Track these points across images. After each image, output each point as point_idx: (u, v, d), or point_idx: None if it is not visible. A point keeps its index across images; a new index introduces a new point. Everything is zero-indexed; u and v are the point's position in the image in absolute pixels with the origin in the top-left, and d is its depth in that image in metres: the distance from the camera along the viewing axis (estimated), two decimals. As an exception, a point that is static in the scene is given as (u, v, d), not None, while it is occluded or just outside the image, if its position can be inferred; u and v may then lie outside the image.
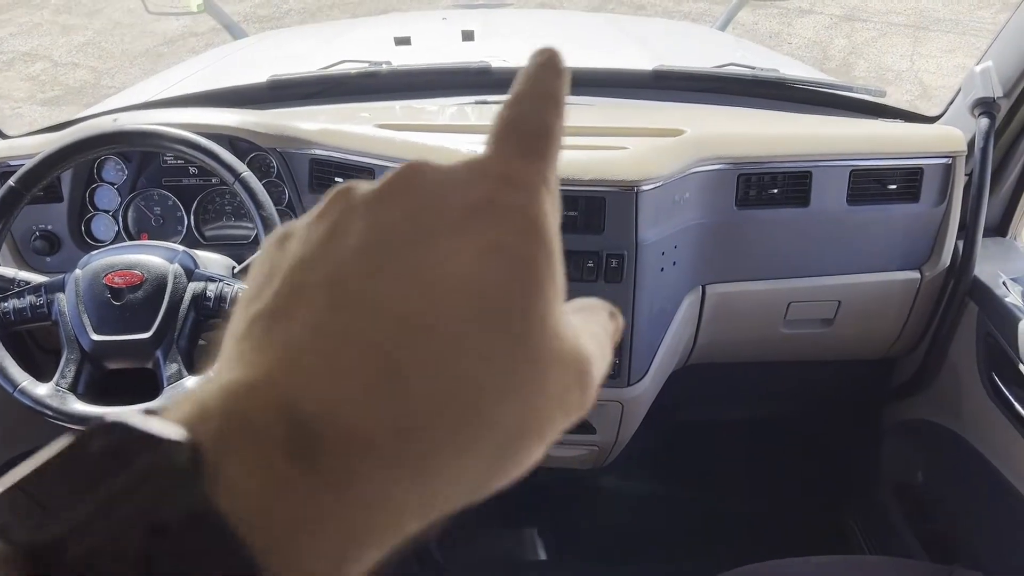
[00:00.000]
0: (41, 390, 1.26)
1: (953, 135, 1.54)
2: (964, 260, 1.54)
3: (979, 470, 1.56)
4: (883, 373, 1.84)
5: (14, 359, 1.30)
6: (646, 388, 1.52)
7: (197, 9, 2.69)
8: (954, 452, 1.65)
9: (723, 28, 2.93)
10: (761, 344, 1.68)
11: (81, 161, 1.39)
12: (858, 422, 1.98)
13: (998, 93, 1.53)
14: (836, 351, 1.73)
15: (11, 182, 1.32)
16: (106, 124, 1.43)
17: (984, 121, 1.51)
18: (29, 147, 1.55)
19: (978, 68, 1.54)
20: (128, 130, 1.35)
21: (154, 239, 1.58)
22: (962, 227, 1.57)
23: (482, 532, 1.98)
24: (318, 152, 1.51)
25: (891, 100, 1.81)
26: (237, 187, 1.33)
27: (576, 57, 1.96)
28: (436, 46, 2.09)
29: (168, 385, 1.27)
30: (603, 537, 2.11)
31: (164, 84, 2.11)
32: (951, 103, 1.68)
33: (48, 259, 1.57)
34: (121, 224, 1.58)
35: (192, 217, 1.59)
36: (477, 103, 1.73)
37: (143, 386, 1.30)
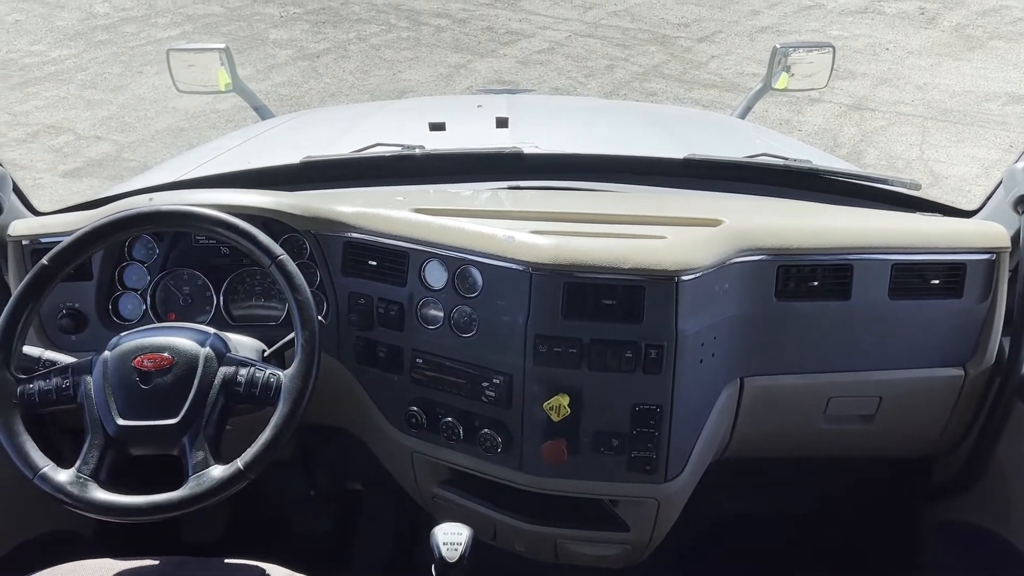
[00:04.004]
0: (62, 476, 1.21)
1: (996, 231, 1.52)
2: (1012, 358, 1.50)
3: None
4: (923, 472, 1.78)
5: (33, 440, 1.26)
6: (683, 484, 1.47)
7: (225, 88, 2.72)
8: (1002, 558, 1.58)
9: (743, 116, 2.96)
10: (799, 439, 1.63)
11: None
12: (896, 522, 1.91)
13: None
14: (876, 448, 1.68)
15: (44, 260, 1.29)
16: (142, 204, 1.42)
17: None
18: (61, 225, 1.53)
19: (1019, 165, 1.53)
20: (165, 211, 1.33)
21: (181, 319, 1.55)
22: (1007, 323, 1.53)
23: None
24: (353, 235, 1.49)
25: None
26: (273, 270, 1.30)
27: (606, 145, 1.97)
28: (468, 131, 2.10)
29: (193, 473, 1.22)
30: None
31: (196, 162, 2.12)
32: (989, 198, 1.67)
33: (73, 338, 1.54)
34: (149, 303, 1.55)
35: (222, 297, 1.56)
36: (511, 188, 1.73)
37: (167, 474, 1.25)
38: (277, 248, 1.32)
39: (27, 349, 1.32)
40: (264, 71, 6.34)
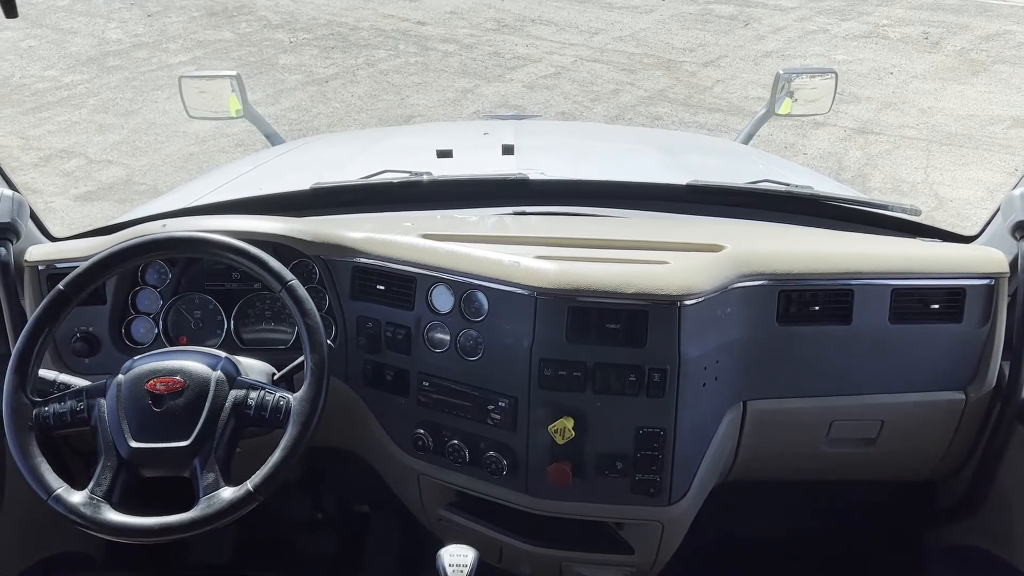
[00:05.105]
0: (75, 498, 1.23)
1: (995, 257, 1.54)
2: (1012, 382, 1.51)
3: None
4: (926, 495, 1.79)
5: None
6: (687, 507, 1.48)
7: (236, 115, 2.77)
8: None
9: (747, 142, 2.99)
10: (802, 462, 1.64)
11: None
12: (900, 546, 1.91)
13: None
14: (878, 471, 1.69)
15: (60, 286, 1.32)
16: (156, 230, 1.45)
17: None
18: (76, 250, 1.57)
19: (1017, 192, 1.55)
20: (178, 237, 1.37)
21: (193, 342, 1.58)
22: (1007, 348, 1.55)
23: None
24: (362, 260, 1.52)
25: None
26: (283, 295, 1.33)
27: (610, 170, 2.00)
28: (475, 158, 2.13)
29: (204, 495, 1.24)
30: None
31: (207, 188, 2.16)
32: (988, 224, 1.69)
33: (87, 361, 1.56)
34: (161, 327, 1.58)
35: (232, 321, 1.59)
36: (516, 214, 1.76)
37: (179, 495, 1.27)
38: (288, 273, 1.35)
39: (42, 372, 1.35)
40: (273, 95, 6.41)
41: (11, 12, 1.19)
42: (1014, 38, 7.84)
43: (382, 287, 1.51)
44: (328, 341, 1.36)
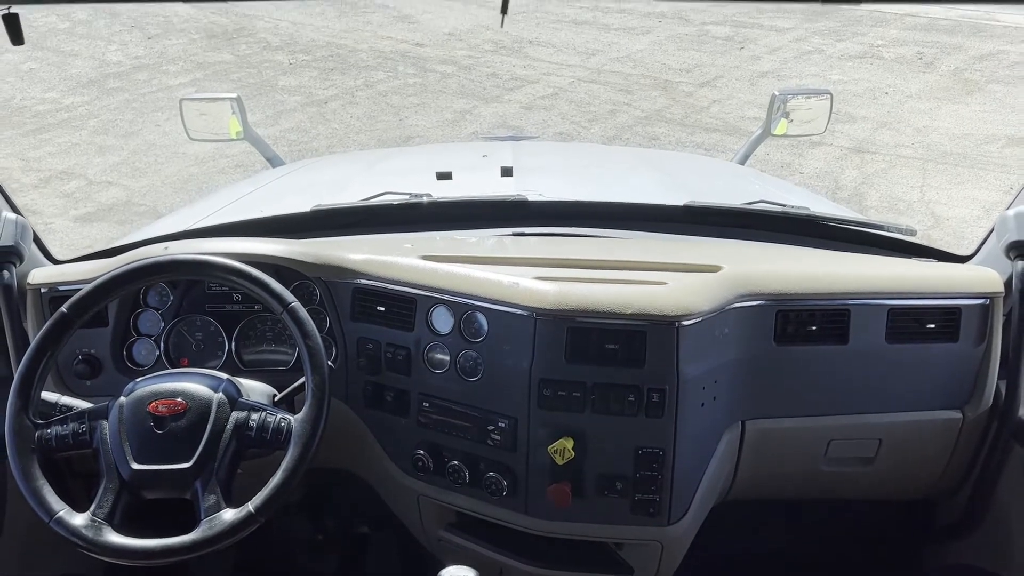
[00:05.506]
0: (77, 520, 1.24)
1: (990, 276, 1.56)
2: (1008, 401, 1.52)
3: None
4: (925, 514, 1.79)
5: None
6: (687, 526, 1.48)
7: (236, 136, 2.79)
8: None
9: (743, 162, 3.01)
10: (801, 481, 1.64)
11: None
12: (898, 565, 1.91)
13: None
14: (877, 490, 1.69)
15: (63, 308, 1.33)
16: (158, 253, 1.46)
17: (1021, 264, 1.53)
18: (78, 273, 1.58)
19: (1011, 212, 1.57)
20: (181, 260, 1.38)
21: (194, 364, 1.59)
22: (1003, 366, 1.56)
23: None
24: (362, 282, 1.53)
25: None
26: (285, 317, 1.34)
27: (608, 191, 2.01)
28: (474, 179, 2.15)
29: (205, 517, 1.25)
30: None
31: (209, 210, 2.17)
32: (983, 244, 1.70)
33: (88, 383, 1.57)
34: (163, 349, 1.59)
35: (233, 343, 1.60)
36: (515, 235, 1.77)
37: (180, 517, 1.27)
38: (289, 296, 1.36)
39: (44, 395, 1.36)
40: (273, 117, 6.45)
41: (17, 40, 1.21)
42: (1007, 58, 7.91)
43: (382, 308, 1.53)
44: (329, 362, 1.36)
